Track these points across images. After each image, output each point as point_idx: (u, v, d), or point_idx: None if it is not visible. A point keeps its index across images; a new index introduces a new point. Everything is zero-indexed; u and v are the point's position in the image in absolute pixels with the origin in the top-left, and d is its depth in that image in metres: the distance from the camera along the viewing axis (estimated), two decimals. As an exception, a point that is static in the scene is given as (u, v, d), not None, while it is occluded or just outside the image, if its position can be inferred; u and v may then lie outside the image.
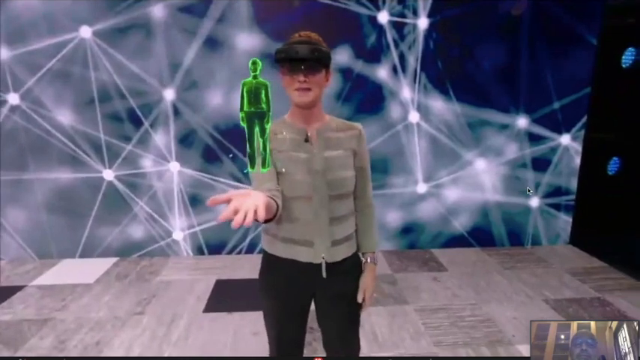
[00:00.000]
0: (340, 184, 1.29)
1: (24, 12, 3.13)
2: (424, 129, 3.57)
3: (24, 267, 3.42)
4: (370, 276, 1.41)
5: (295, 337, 1.44)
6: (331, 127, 1.32)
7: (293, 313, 1.39)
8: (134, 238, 3.60)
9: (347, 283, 1.39)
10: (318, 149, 1.28)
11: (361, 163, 1.36)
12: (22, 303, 2.86)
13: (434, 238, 3.80)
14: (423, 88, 3.49)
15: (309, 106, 1.26)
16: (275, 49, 1.21)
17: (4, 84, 3.24)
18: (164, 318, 2.68)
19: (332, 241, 1.31)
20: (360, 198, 1.40)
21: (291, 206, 1.28)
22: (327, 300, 1.39)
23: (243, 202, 0.87)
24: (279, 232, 1.32)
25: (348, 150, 1.32)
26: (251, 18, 3.25)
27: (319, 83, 1.23)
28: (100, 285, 3.13)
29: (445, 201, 3.72)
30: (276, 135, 1.29)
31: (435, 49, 3.42)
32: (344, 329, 1.43)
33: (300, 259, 1.31)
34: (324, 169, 1.27)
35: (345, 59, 3.37)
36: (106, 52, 3.24)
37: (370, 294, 1.41)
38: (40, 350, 2.33)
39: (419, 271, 3.40)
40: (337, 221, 1.31)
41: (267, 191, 1.18)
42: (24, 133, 3.34)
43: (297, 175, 1.26)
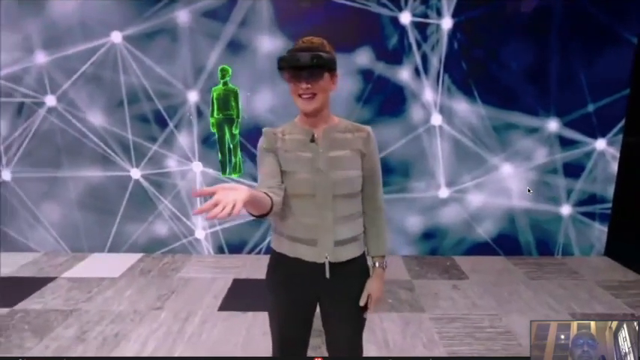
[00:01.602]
0: (344, 183, 1.30)
1: (60, 19, 3.32)
2: (447, 132, 3.47)
3: (57, 259, 3.62)
4: (377, 281, 1.39)
5: (298, 337, 1.43)
6: (339, 129, 1.34)
7: (297, 312, 1.39)
8: (158, 236, 3.73)
9: (352, 285, 1.37)
10: (324, 149, 1.30)
11: (370, 165, 1.36)
12: (52, 293, 3.03)
13: (456, 244, 3.69)
14: (446, 90, 3.39)
15: (314, 113, 1.28)
16: (277, 58, 1.24)
17: (42, 87, 3.45)
18: (180, 314, 2.75)
19: (335, 241, 1.31)
20: (369, 200, 1.39)
21: (296, 205, 1.30)
22: (331, 301, 1.38)
23: (224, 196, 0.91)
24: (285, 231, 1.34)
25: (354, 151, 1.32)
26: (272, 20, 3.29)
27: (323, 88, 1.25)
28: (124, 279, 3.26)
29: (468, 206, 3.60)
30: (284, 136, 1.33)
31: (459, 50, 3.32)
32: (347, 332, 1.42)
33: (304, 257, 1.32)
34: (329, 169, 1.28)
35: (365, 61, 3.34)
36: (135, 56, 3.38)
37: (376, 299, 1.38)
38: (63, 340, 2.45)
39: (439, 278, 3.30)
40: (342, 221, 1.31)
41: (268, 188, 1.22)
42: (59, 133, 3.54)
43: (301, 174, 1.29)
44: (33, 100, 3.49)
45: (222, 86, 3.31)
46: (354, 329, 1.42)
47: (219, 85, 3.32)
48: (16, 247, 3.76)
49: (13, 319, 2.69)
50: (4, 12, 3.34)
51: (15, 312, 2.77)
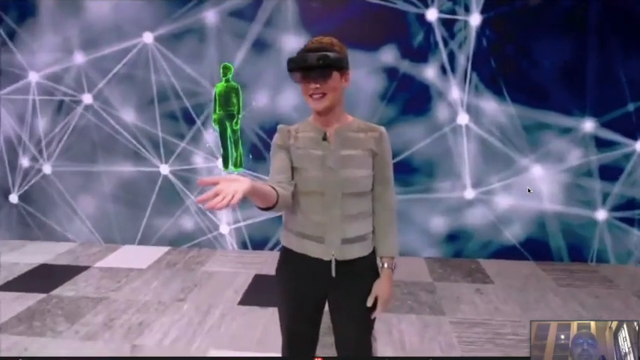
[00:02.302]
0: (353, 182, 1.30)
1: (97, 21, 3.49)
2: (474, 131, 3.37)
3: (91, 250, 3.82)
4: (385, 282, 1.38)
5: (306, 333, 1.44)
6: (352, 128, 1.34)
7: (304, 308, 1.40)
8: (185, 230, 3.85)
9: (359, 284, 1.37)
10: (335, 147, 1.31)
11: (381, 165, 1.36)
12: (85, 282, 3.19)
13: (482, 247, 3.58)
14: (473, 88, 3.30)
15: (325, 112, 1.30)
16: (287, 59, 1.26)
17: (80, 86, 3.64)
18: (202, 307, 2.83)
19: (343, 239, 1.31)
20: (380, 200, 1.38)
21: (305, 202, 1.32)
22: (338, 300, 1.39)
23: (226, 187, 0.94)
24: (294, 227, 1.37)
25: (366, 150, 1.33)
26: (297, 19, 3.31)
27: (333, 87, 1.26)
28: (151, 271, 3.39)
29: (496, 208, 3.49)
30: (298, 133, 1.36)
31: (488, 47, 3.22)
32: (354, 331, 1.41)
33: (311, 254, 1.33)
34: (339, 167, 1.29)
35: (390, 59, 3.30)
36: (165, 55, 3.50)
37: (383, 300, 1.37)
38: (91, 326, 2.58)
39: (462, 281, 3.22)
40: (349, 219, 1.31)
41: (277, 183, 1.25)
42: (95, 129, 3.72)
43: (311, 171, 1.30)
44: (71, 98, 3.69)
45: (224, 83, 3.41)
46: (361, 329, 1.41)
47: (222, 82, 3.42)
48: (54, 237, 4.00)
49: (48, 304, 2.86)
50: (47, 15, 3.55)
51: (51, 297, 2.95)
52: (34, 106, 3.74)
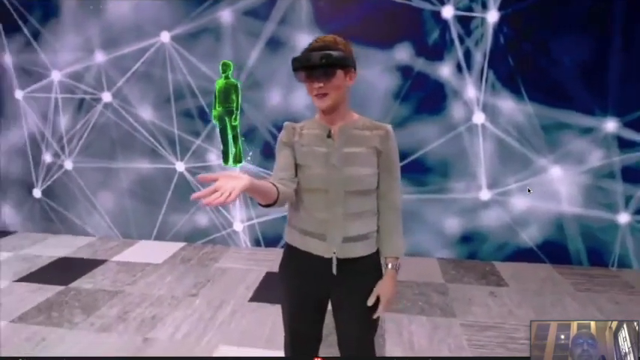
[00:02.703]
0: (357, 180, 1.30)
1: (116, 21, 3.57)
2: (490, 131, 3.30)
3: (109, 244, 3.92)
4: (388, 282, 1.36)
5: (309, 332, 1.45)
6: (357, 125, 1.34)
7: (306, 305, 1.41)
8: (200, 226, 3.91)
9: (361, 283, 1.36)
10: (339, 144, 1.31)
11: (386, 164, 1.34)
12: (102, 275, 3.28)
13: (497, 249, 3.51)
14: (490, 86, 3.23)
15: (330, 111, 1.30)
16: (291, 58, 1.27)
17: (99, 84, 3.74)
18: (214, 302, 2.87)
19: (344, 237, 1.31)
20: (384, 199, 1.37)
21: (309, 199, 1.33)
22: (340, 299, 1.38)
23: (224, 183, 0.95)
24: (297, 224, 1.37)
25: (370, 148, 1.32)
26: (311, 18, 3.31)
27: (337, 86, 1.26)
28: (166, 266, 3.46)
29: (512, 210, 3.41)
30: (303, 131, 1.36)
31: (505, 44, 3.14)
32: (355, 330, 1.40)
33: (313, 251, 1.34)
34: (342, 165, 1.29)
35: (404, 57, 3.27)
36: (181, 54, 3.55)
37: (386, 301, 1.35)
38: (106, 318, 2.66)
39: (475, 283, 3.17)
40: (352, 218, 1.31)
41: (279, 180, 1.26)
42: (114, 127, 3.82)
43: (315, 169, 1.31)
44: (92, 96, 3.79)
45: (223, 80, 3.46)
46: (363, 328, 1.40)
47: (221, 79, 3.47)
48: (75, 231, 4.12)
49: (67, 296, 2.95)
50: (69, 16, 3.65)
51: (69, 290, 3.04)
52: (56, 104, 3.86)
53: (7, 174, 4.13)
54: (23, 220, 4.23)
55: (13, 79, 3.89)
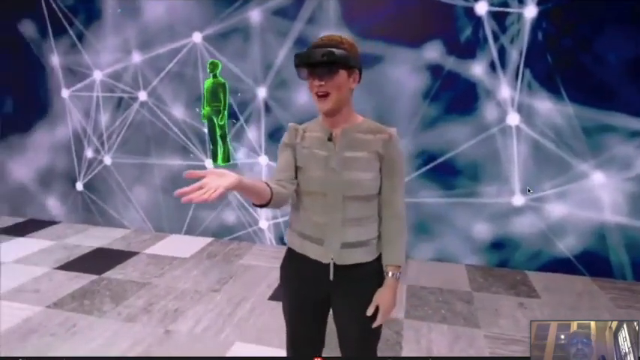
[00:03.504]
0: (356, 185, 1.26)
1: (152, 23, 3.71)
2: (525, 133, 3.13)
3: (142, 237, 4.09)
4: (387, 291, 1.32)
5: (309, 334, 1.43)
6: (360, 129, 1.31)
7: (305, 309, 1.39)
8: (227, 223, 3.99)
9: (360, 291, 1.33)
10: (340, 148, 1.28)
11: (389, 169, 1.30)
12: (133, 266, 3.43)
13: (530, 258, 3.32)
14: (526, 86, 3.06)
15: (331, 113, 1.27)
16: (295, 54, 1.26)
17: (136, 83, 3.90)
18: (234, 299, 2.92)
19: (342, 243, 1.28)
20: (387, 206, 1.33)
21: (308, 202, 1.32)
22: (339, 305, 1.36)
23: (210, 181, 0.95)
24: (297, 227, 1.37)
25: (372, 153, 1.28)
26: (339, 17, 3.27)
27: (338, 86, 1.22)
28: (192, 260, 3.56)
29: (548, 217, 3.21)
30: (305, 132, 1.35)
31: (544, 41, 2.96)
32: (355, 336, 1.38)
33: (310, 255, 1.32)
34: (342, 169, 1.26)
35: (434, 55, 3.16)
36: (212, 54, 3.63)
37: (384, 311, 1.31)
38: (132, 308, 2.77)
39: (504, 292, 3.02)
40: (350, 223, 1.28)
41: (277, 181, 1.26)
42: (149, 125, 3.97)
43: (314, 172, 1.29)
44: (129, 95, 3.96)
45: (211, 79, 3.53)
46: (362, 335, 1.36)
47: (209, 79, 3.54)
48: (112, 223, 4.33)
49: (99, 285, 3.11)
50: (110, 18, 3.84)
51: (102, 279, 3.20)
52: (97, 102, 4.07)
53: (53, 168, 4.41)
54: (67, 212, 4.50)
55: (60, 78, 4.14)
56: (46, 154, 4.40)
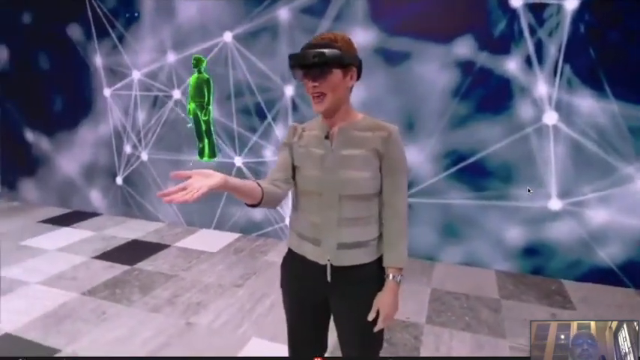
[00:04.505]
0: (353, 184, 1.23)
1: (185, 23, 3.82)
2: (564, 133, 2.93)
3: (174, 230, 4.24)
4: (388, 295, 1.27)
5: (308, 336, 1.41)
6: (358, 126, 1.27)
7: (303, 310, 1.38)
8: (255, 219, 4.05)
9: (359, 294, 1.29)
10: (336, 147, 1.26)
11: (389, 168, 1.26)
12: (162, 259, 3.57)
13: (568, 266, 3.11)
14: (565, 82, 2.86)
15: (328, 113, 1.25)
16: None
17: (171, 82, 4.04)
18: (255, 294, 2.95)
19: (338, 244, 1.25)
20: (387, 206, 1.29)
21: (304, 202, 1.31)
22: (337, 307, 1.34)
23: (194, 181, 0.96)
24: (295, 227, 1.36)
25: (370, 151, 1.24)
26: (366, 14, 3.22)
27: (333, 86, 1.20)
28: (219, 255, 3.65)
29: (588, 223, 2.99)
30: (304, 131, 1.34)
31: (586, 34, 2.75)
32: (354, 339, 1.35)
33: (308, 256, 1.31)
34: (338, 167, 1.24)
35: (465, 51, 3.02)
36: (241, 53, 3.69)
37: (385, 315, 1.27)
38: (158, 299, 2.88)
39: (535, 302, 2.85)
40: (347, 223, 1.25)
41: (272, 180, 1.26)
42: (182, 122, 4.10)
43: (310, 170, 1.27)
44: (164, 93, 4.12)
45: (196, 75, 3.63)
46: (362, 339, 1.33)
47: (194, 74, 3.64)
48: (148, 216, 4.53)
49: (130, 275, 3.26)
50: (148, 20, 4.00)
51: (133, 270, 3.35)
52: (135, 101, 4.27)
53: (96, 162, 4.68)
54: (108, 204, 4.76)
55: (103, 78, 4.38)
56: (90, 150, 4.67)
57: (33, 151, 5.05)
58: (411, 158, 3.31)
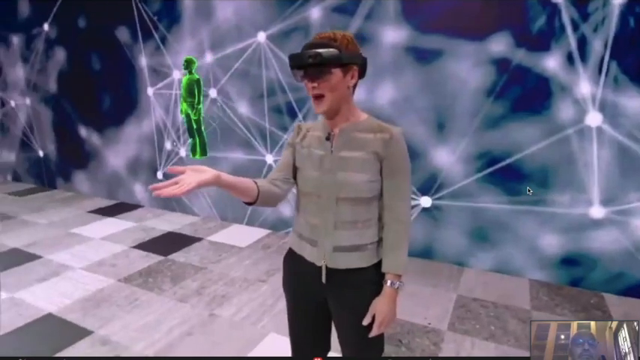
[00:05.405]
0: (351, 186, 1.22)
1: (222, 24, 3.94)
2: (609, 135, 2.72)
3: (208, 224, 4.40)
4: (384, 301, 1.24)
5: (307, 337, 1.42)
6: (360, 127, 1.25)
7: (301, 311, 1.39)
8: (284, 216, 4.11)
9: (356, 298, 1.28)
10: (336, 148, 1.25)
11: (390, 171, 1.23)
12: (194, 251, 3.71)
13: (610, 279, 2.88)
14: (611, 81, 2.65)
15: (328, 114, 1.24)
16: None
17: (207, 81, 4.19)
18: (278, 291, 3.00)
19: (334, 246, 1.25)
20: (388, 210, 1.26)
21: (304, 202, 1.32)
22: (335, 309, 1.33)
23: (187, 177, 1.00)
24: (296, 227, 1.38)
25: (371, 153, 1.22)
26: (398, 12, 3.16)
27: (332, 87, 1.18)
28: (248, 250, 3.74)
29: (634, 233, 2.76)
30: (308, 132, 1.34)
31: (636, 29, 2.53)
32: (352, 341, 1.34)
33: (306, 257, 1.32)
34: (336, 169, 1.23)
35: (501, 48, 2.89)
36: (274, 52, 3.75)
37: (381, 322, 1.24)
38: (186, 290, 3.00)
39: (570, 315, 2.67)
40: (343, 226, 1.24)
41: (271, 180, 1.28)
42: (218, 120, 4.24)
43: (309, 171, 1.28)
44: (202, 92, 4.27)
45: (188, 76, 3.77)
46: (359, 343, 1.31)
47: (186, 75, 3.80)
48: (185, 210, 4.73)
49: (163, 265, 3.42)
50: (188, 22, 4.17)
51: (167, 260, 3.52)
52: (175, 100, 4.46)
53: (139, 157, 4.95)
54: (149, 197, 5.02)
55: (146, 78, 4.62)
56: (134, 146, 4.95)
57: (85, 146, 5.43)
58: (442, 159, 3.21)
